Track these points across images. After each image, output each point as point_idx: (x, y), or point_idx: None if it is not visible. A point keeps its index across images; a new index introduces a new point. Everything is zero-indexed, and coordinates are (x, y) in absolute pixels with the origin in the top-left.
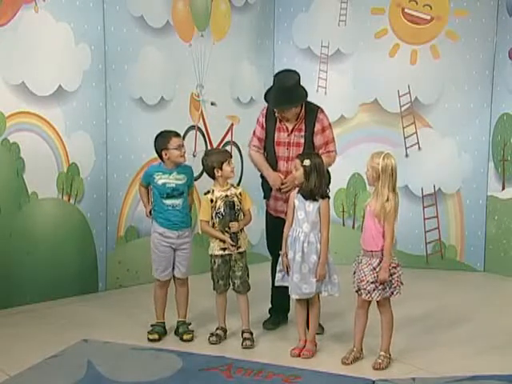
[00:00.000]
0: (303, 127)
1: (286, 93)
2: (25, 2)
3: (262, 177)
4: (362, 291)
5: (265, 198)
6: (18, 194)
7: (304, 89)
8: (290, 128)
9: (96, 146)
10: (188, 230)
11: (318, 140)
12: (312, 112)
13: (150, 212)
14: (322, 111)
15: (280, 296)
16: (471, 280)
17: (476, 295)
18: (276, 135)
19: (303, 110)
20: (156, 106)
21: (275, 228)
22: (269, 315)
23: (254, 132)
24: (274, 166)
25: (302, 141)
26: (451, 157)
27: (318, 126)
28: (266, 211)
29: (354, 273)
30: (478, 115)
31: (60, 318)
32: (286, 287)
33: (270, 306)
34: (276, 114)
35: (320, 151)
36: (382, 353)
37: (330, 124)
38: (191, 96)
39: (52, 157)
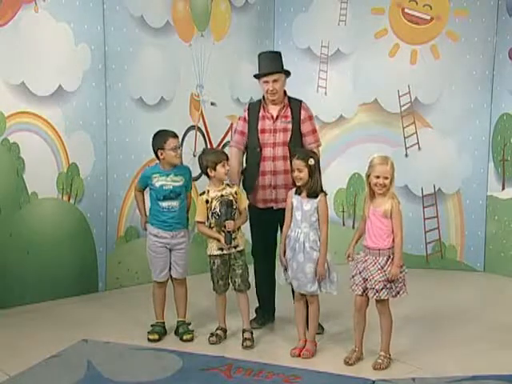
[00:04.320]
0: (289, 114)
1: (276, 60)
2: (25, 2)
3: (243, 172)
4: (370, 291)
5: (248, 191)
6: (18, 194)
7: None
8: (275, 115)
9: (96, 145)
10: (183, 230)
11: (305, 127)
12: (296, 101)
13: (145, 224)
14: (305, 103)
15: (265, 296)
16: (471, 280)
17: (476, 295)
18: (260, 123)
19: (286, 99)
20: (156, 106)
21: (262, 223)
22: (255, 314)
23: (235, 129)
24: (258, 154)
25: (290, 126)
26: (451, 157)
27: (304, 114)
28: (250, 207)
29: (354, 276)
30: (478, 115)
31: (60, 317)
32: (272, 287)
33: (257, 305)
34: (264, 92)
35: (308, 138)
36: (382, 353)
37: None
38: (191, 96)
39: (52, 157)
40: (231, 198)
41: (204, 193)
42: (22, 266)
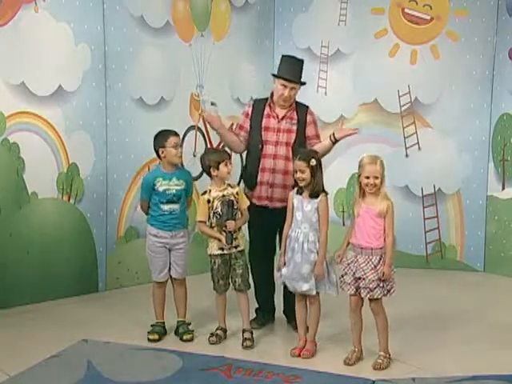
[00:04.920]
0: (295, 116)
1: (301, 69)
2: (25, 2)
3: (244, 170)
4: (362, 290)
5: (249, 187)
6: (18, 194)
7: None
8: (281, 115)
9: (96, 145)
10: (183, 230)
11: (310, 130)
12: (302, 105)
13: None
14: (311, 108)
15: (265, 297)
16: (471, 280)
17: (476, 295)
18: (264, 121)
19: (294, 103)
20: (156, 106)
21: (260, 221)
22: (255, 315)
23: (237, 123)
24: (260, 150)
25: (295, 128)
26: (451, 157)
27: (309, 118)
28: (248, 207)
29: (343, 275)
30: (478, 115)
31: (60, 318)
32: (271, 288)
33: (257, 305)
34: (277, 94)
35: (312, 141)
36: (382, 353)
37: None
38: (191, 96)
39: (52, 157)
40: (232, 198)
41: (205, 192)
42: (22, 266)
